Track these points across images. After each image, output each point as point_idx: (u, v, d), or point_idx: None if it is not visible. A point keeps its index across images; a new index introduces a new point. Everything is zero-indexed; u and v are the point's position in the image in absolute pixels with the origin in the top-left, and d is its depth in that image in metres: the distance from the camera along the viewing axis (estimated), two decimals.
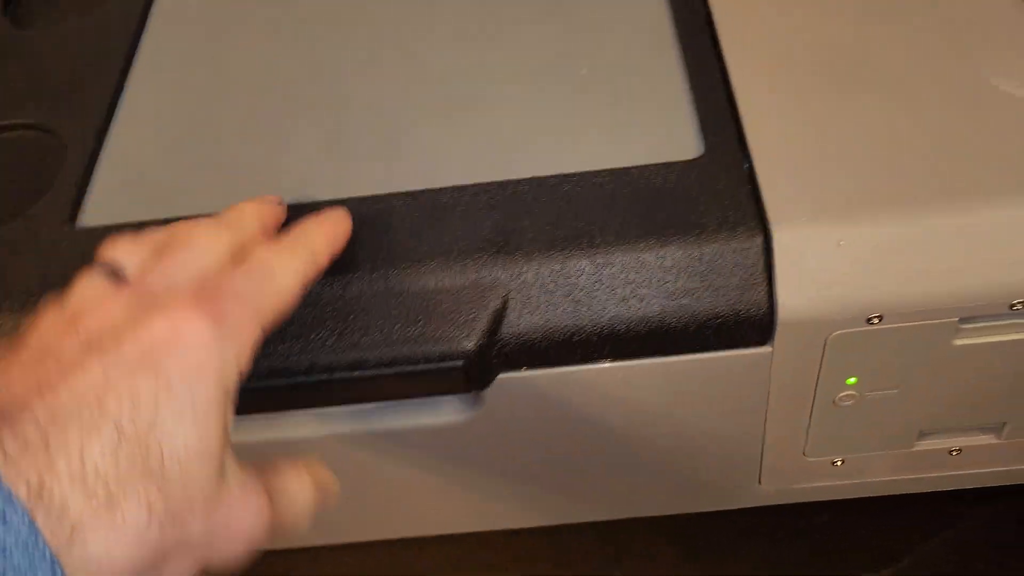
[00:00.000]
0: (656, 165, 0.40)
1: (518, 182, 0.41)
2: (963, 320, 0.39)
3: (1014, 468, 0.48)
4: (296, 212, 0.39)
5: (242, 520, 0.29)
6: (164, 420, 0.27)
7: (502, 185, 0.41)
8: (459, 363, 0.38)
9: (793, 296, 0.38)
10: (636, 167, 0.40)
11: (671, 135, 0.42)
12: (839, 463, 0.47)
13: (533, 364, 0.39)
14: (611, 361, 0.39)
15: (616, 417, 0.43)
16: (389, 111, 0.45)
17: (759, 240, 0.38)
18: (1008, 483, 0.48)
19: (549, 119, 0.43)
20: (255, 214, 0.35)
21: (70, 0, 0.54)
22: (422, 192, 0.41)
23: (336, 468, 0.41)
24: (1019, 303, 0.38)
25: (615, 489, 0.48)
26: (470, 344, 0.38)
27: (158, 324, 0.28)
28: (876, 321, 0.38)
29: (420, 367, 0.38)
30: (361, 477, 0.45)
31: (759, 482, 0.48)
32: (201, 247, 0.32)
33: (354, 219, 0.38)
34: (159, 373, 0.27)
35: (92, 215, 0.43)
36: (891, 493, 0.49)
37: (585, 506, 0.49)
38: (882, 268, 0.37)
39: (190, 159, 0.44)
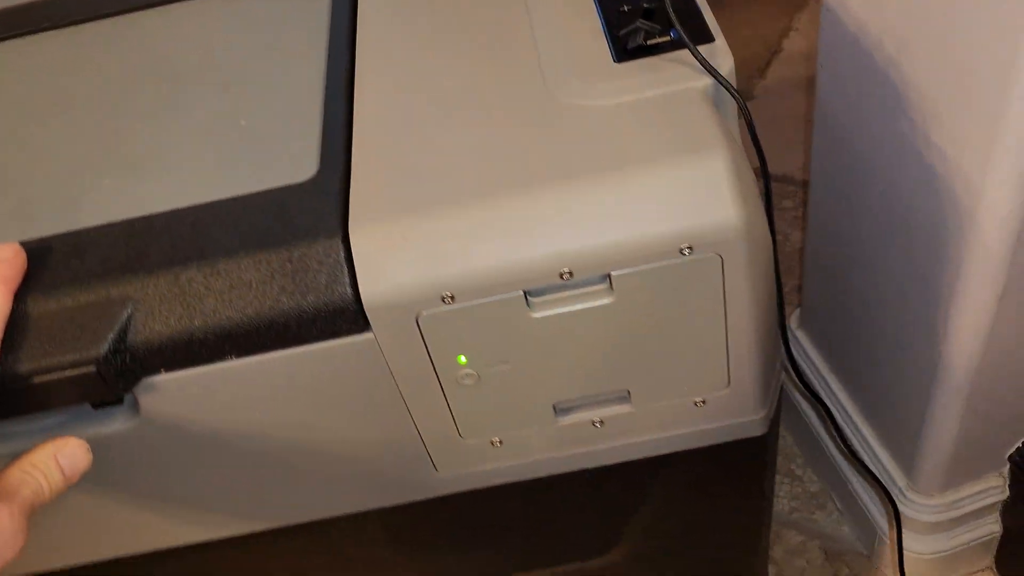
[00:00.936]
0: (274, 189, 0.47)
1: (156, 216, 0.47)
2: (530, 294, 0.45)
3: (656, 437, 0.53)
4: None
5: None
6: None
7: (145, 219, 0.47)
8: (92, 368, 0.44)
9: (373, 285, 0.44)
10: (257, 192, 0.47)
11: (294, 162, 0.49)
12: (498, 443, 0.52)
13: (168, 366, 0.45)
14: (236, 358, 0.46)
15: (267, 414, 0.49)
16: (73, 162, 0.52)
17: (338, 241, 0.44)
18: (655, 453, 0.54)
19: (199, 162, 0.50)
20: None
21: None
22: (78, 231, 0.48)
23: None
24: (566, 273, 0.44)
25: (303, 491, 0.53)
26: (99, 350, 0.44)
27: None
28: (449, 300, 0.44)
29: (61, 375, 0.44)
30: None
31: (435, 470, 0.53)
32: None
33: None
34: None
35: None
36: (558, 472, 0.54)
37: (278, 509, 0.54)
38: (444, 253, 0.44)
39: None
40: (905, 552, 0.93)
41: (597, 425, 0.52)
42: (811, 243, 0.93)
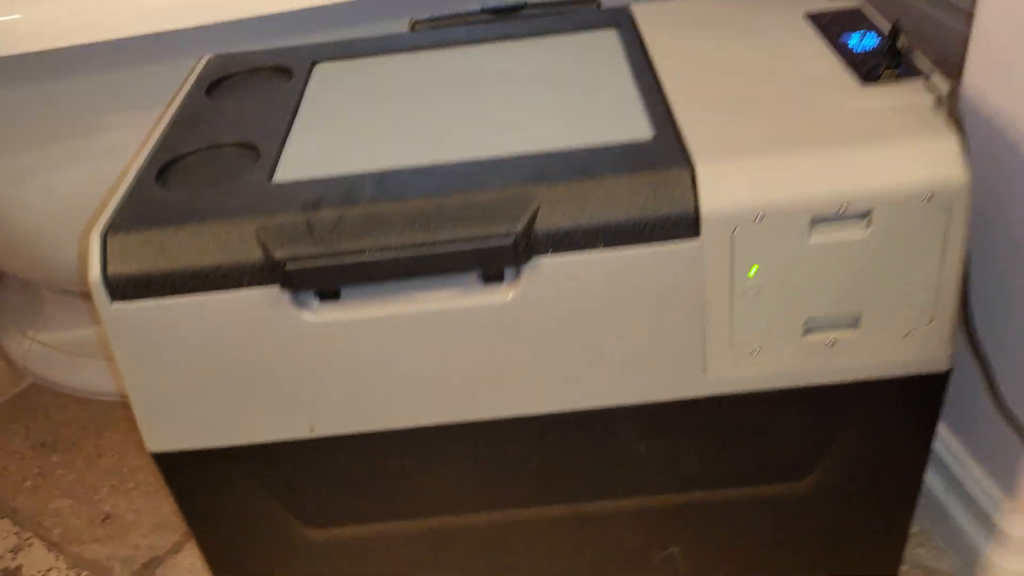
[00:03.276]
0: (629, 142, 0.67)
1: (550, 151, 0.67)
2: (815, 222, 0.64)
3: (870, 362, 0.71)
4: None
5: None
6: None
7: (542, 154, 0.67)
8: (510, 241, 0.63)
9: (709, 202, 0.63)
10: (619, 143, 0.67)
11: (635, 128, 0.69)
12: (756, 351, 0.70)
13: (555, 248, 0.64)
14: (604, 248, 0.64)
15: (608, 306, 0.67)
16: (481, 127, 0.72)
17: (687, 171, 0.64)
18: (865, 377, 0.71)
19: (566, 124, 0.71)
20: None
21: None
22: (494, 157, 0.67)
23: (401, 349, 0.65)
24: (844, 205, 0.63)
25: (599, 379, 0.71)
26: (518, 228, 0.63)
27: None
28: (760, 219, 0.64)
29: (484, 245, 0.63)
30: (428, 358, 0.68)
31: (704, 372, 0.71)
32: None
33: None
34: None
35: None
36: (795, 385, 0.72)
37: (581, 395, 0.71)
38: (762, 184, 0.64)
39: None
40: (1004, 572, 1.07)
41: (829, 345, 0.70)
42: None
